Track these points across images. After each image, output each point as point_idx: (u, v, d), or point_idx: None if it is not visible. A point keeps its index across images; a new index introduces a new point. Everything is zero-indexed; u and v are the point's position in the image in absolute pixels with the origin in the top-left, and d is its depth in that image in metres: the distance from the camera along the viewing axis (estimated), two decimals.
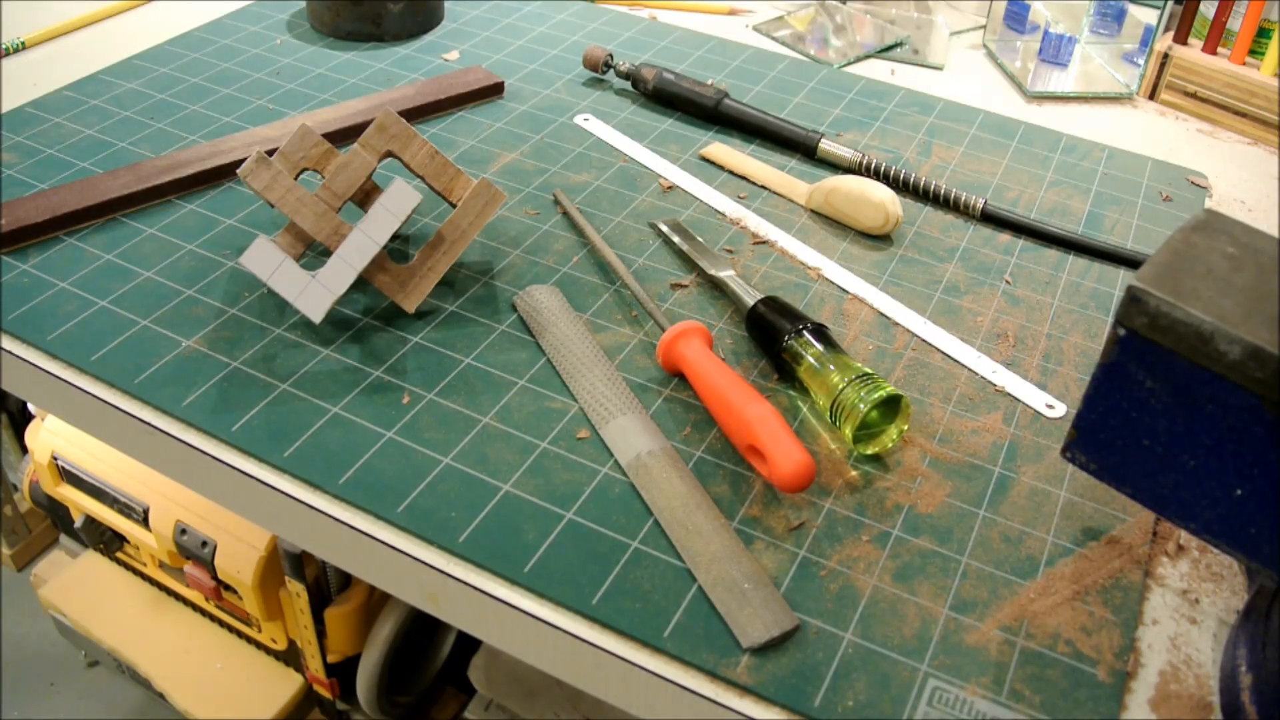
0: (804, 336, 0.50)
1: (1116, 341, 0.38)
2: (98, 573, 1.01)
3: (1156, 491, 0.40)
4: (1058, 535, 0.45)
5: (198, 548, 0.81)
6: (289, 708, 0.90)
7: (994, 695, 0.39)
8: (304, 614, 0.80)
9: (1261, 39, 0.76)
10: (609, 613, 0.41)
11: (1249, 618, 0.41)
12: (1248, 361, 0.35)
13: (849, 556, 0.44)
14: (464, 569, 0.43)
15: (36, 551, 1.31)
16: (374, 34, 0.81)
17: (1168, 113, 0.80)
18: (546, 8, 0.88)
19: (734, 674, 0.39)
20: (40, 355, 0.52)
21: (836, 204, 0.63)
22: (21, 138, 0.68)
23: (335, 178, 0.53)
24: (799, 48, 0.85)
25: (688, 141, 0.71)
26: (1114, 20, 0.85)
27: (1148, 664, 0.41)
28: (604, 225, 0.63)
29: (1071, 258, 0.63)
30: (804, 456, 0.44)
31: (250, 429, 0.48)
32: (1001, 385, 0.53)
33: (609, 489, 0.46)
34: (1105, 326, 0.57)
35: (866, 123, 0.74)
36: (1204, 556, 0.46)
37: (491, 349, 0.53)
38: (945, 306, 0.58)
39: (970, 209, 0.65)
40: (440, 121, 0.72)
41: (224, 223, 0.61)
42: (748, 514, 0.45)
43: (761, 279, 0.59)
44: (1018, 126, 0.75)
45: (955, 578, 0.43)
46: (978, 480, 0.48)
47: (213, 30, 0.82)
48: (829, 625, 0.41)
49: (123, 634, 0.97)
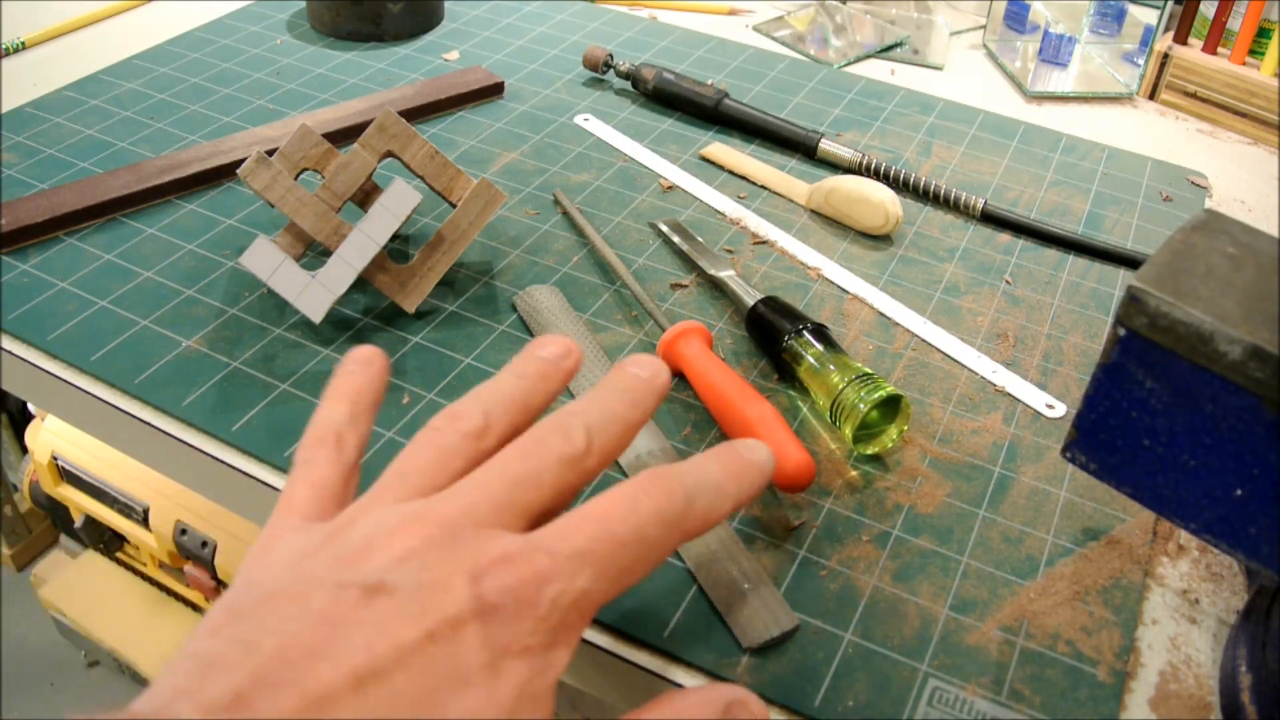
0: (804, 336, 0.50)
1: (1116, 341, 0.38)
2: (98, 573, 1.01)
3: (1156, 491, 0.40)
4: (1058, 535, 0.45)
5: (198, 548, 0.81)
6: None
7: (994, 695, 0.39)
8: None
9: (1261, 39, 0.76)
10: (608, 613, 0.41)
11: (1249, 618, 0.41)
12: (1248, 361, 0.35)
13: (849, 556, 0.44)
14: None
15: (36, 551, 1.31)
16: (374, 34, 0.81)
17: (1168, 113, 0.81)
18: (546, 8, 0.88)
19: (734, 674, 0.39)
20: (40, 355, 0.52)
21: (836, 204, 0.63)
22: (21, 138, 0.68)
23: (335, 178, 0.53)
24: (799, 48, 0.85)
25: (688, 141, 0.71)
26: (1114, 20, 0.85)
27: (1148, 664, 0.41)
28: (604, 225, 0.63)
29: (1071, 258, 0.63)
30: (804, 456, 0.44)
31: (250, 429, 0.48)
32: (1001, 385, 0.53)
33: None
34: (1105, 326, 0.57)
35: (866, 123, 0.74)
36: (1204, 556, 0.46)
37: (491, 349, 0.53)
38: (945, 306, 0.58)
39: (970, 209, 0.65)
40: (440, 121, 0.72)
41: (224, 223, 0.61)
42: (748, 514, 0.45)
43: (761, 279, 0.59)
44: (1018, 126, 0.75)
45: (955, 578, 0.43)
46: (978, 480, 0.48)
47: (213, 30, 0.82)
48: (829, 625, 0.41)
49: (123, 634, 0.97)
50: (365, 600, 0.24)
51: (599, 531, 0.26)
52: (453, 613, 0.24)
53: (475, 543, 0.25)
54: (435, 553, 0.25)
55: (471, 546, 0.25)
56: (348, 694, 0.22)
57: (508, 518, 0.26)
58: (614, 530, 0.26)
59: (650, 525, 0.27)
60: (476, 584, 0.24)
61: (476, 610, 0.24)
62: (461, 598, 0.24)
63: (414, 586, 0.24)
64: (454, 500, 0.26)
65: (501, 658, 0.24)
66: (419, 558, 0.25)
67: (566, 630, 0.25)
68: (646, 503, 0.27)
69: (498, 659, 0.24)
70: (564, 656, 0.26)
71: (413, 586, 0.24)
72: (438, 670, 0.23)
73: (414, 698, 0.23)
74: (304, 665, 0.23)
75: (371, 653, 0.23)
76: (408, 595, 0.24)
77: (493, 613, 0.24)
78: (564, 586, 0.25)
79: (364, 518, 0.27)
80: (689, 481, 0.28)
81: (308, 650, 0.23)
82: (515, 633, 0.24)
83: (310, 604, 0.24)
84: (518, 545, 0.25)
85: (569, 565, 0.25)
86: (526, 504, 0.27)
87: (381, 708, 0.23)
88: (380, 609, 0.24)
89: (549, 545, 0.25)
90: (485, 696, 0.23)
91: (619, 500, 0.27)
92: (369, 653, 0.23)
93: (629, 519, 0.26)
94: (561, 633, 0.25)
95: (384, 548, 0.25)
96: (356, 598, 0.24)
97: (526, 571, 0.25)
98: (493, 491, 0.27)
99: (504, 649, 0.24)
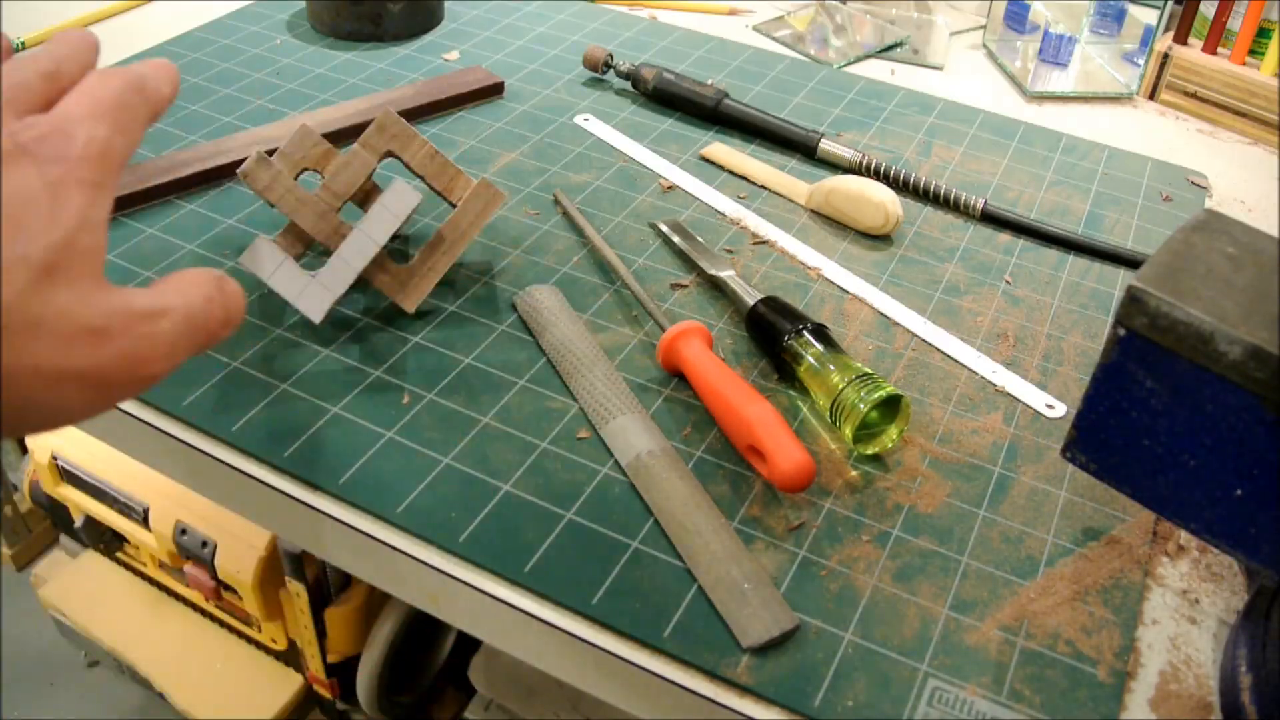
0: (804, 336, 0.50)
1: (1116, 341, 0.38)
2: (98, 573, 1.01)
3: (1156, 491, 0.40)
4: (1058, 535, 0.45)
5: (198, 548, 0.81)
6: (289, 708, 0.90)
7: (994, 695, 0.39)
8: (304, 614, 0.80)
9: (1261, 39, 0.76)
10: (609, 613, 0.41)
11: (1249, 618, 0.41)
12: (1248, 361, 0.35)
13: (849, 556, 0.44)
14: (464, 569, 0.43)
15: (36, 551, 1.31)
16: (374, 34, 0.81)
17: (1168, 113, 0.80)
18: (546, 8, 0.88)
19: (734, 674, 0.39)
20: None
21: (836, 204, 0.63)
22: None
23: (335, 178, 0.53)
24: (799, 48, 0.85)
25: (688, 141, 0.71)
26: (1114, 20, 0.85)
27: (1148, 664, 0.41)
28: (604, 225, 0.63)
29: (1071, 258, 0.63)
30: (804, 456, 0.44)
31: (250, 429, 0.48)
32: (1001, 385, 0.53)
33: (609, 489, 0.46)
34: (1105, 326, 0.57)
35: (866, 123, 0.74)
36: (1204, 556, 0.46)
37: (491, 349, 0.53)
38: (945, 306, 0.58)
39: (970, 209, 0.65)
40: (440, 121, 0.72)
41: (224, 223, 0.61)
42: (748, 514, 0.45)
43: (761, 279, 0.59)
44: (1018, 126, 0.75)
45: (955, 578, 0.43)
46: (978, 480, 0.48)
47: (213, 30, 0.82)
48: (829, 625, 0.41)
49: (123, 634, 0.97)
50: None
51: (95, 100, 0.31)
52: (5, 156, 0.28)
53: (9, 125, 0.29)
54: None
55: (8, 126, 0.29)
56: None
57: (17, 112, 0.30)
58: (104, 96, 0.31)
59: (124, 90, 0.32)
60: (13, 138, 0.28)
61: (20, 149, 0.28)
62: (5, 146, 0.28)
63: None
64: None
65: (59, 186, 0.28)
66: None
67: (107, 170, 0.30)
68: (112, 81, 0.32)
69: (56, 186, 0.28)
70: (110, 194, 0.30)
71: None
72: (11, 196, 0.27)
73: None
74: None
75: None
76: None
77: (36, 149, 0.28)
78: (91, 133, 0.30)
79: None
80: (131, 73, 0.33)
81: None
82: (66, 167, 0.28)
83: None
84: (37, 118, 0.29)
85: (88, 119, 0.30)
86: (28, 103, 0.31)
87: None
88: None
89: (63, 112, 0.30)
90: (50, 216, 0.28)
91: (91, 84, 0.31)
92: None
93: (109, 90, 0.31)
94: (105, 172, 0.30)
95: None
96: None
97: (56, 123, 0.29)
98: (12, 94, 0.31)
99: (60, 179, 0.28)
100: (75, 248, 0.28)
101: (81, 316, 0.28)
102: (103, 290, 0.29)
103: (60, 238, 0.28)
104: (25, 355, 0.27)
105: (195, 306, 0.32)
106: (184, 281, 0.32)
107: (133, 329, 0.29)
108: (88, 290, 0.28)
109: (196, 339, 0.32)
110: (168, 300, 0.31)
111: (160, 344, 0.30)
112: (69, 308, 0.28)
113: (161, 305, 0.30)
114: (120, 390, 0.30)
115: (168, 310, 0.30)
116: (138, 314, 0.29)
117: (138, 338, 0.29)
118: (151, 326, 0.30)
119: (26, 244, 0.27)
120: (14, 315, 0.27)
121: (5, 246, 0.27)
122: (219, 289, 0.33)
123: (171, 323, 0.30)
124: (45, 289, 0.27)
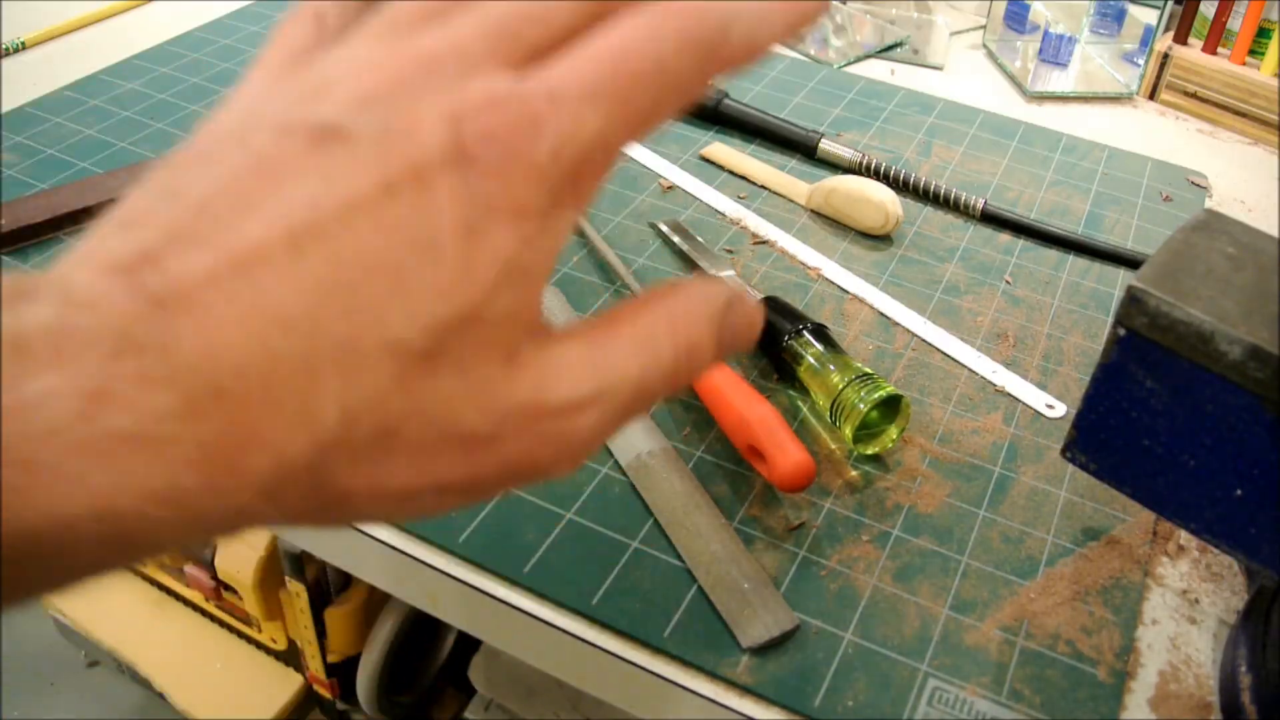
0: (804, 336, 0.50)
1: (1116, 341, 0.38)
2: None
3: (1156, 491, 0.40)
4: (1058, 535, 0.45)
5: (198, 547, 0.81)
6: (289, 708, 0.90)
7: (994, 695, 0.39)
8: (304, 614, 0.80)
9: (1261, 39, 0.76)
10: (609, 613, 0.41)
11: (1249, 618, 0.41)
12: (1248, 361, 0.35)
13: (849, 556, 0.44)
14: (464, 569, 0.43)
15: None
16: None
17: (1168, 113, 0.80)
18: None
19: (734, 674, 0.39)
20: None
21: (836, 204, 0.63)
22: (21, 138, 0.68)
23: None
24: (799, 48, 0.85)
25: (688, 141, 0.71)
26: (1114, 20, 0.85)
27: (1148, 664, 0.41)
28: (604, 225, 0.63)
29: (1071, 258, 0.63)
30: (804, 456, 0.44)
31: None
32: (1001, 385, 0.53)
33: (609, 489, 0.46)
34: (1105, 326, 0.57)
35: (866, 123, 0.74)
36: (1204, 556, 0.46)
37: None
38: (945, 306, 0.58)
39: (970, 209, 0.65)
40: None
41: None
42: (748, 514, 0.45)
43: (761, 279, 0.59)
44: (1018, 126, 0.75)
45: (955, 578, 0.43)
46: (978, 480, 0.48)
47: (213, 30, 0.82)
48: (829, 625, 0.41)
49: (123, 634, 0.97)
50: (314, 146, 0.19)
51: (613, 65, 0.20)
52: (420, 160, 0.19)
53: (459, 81, 0.20)
54: (407, 92, 0.19)
55: (454, 86, 0.19)
56: (279, 255, 0.18)
57: (506, 55, 0.20)
58: (631, 63, 0.20)
59: (676, 54, 0.20)
60: (454, 128, 0.19)
61: (451, 158, 0.19)
62: (432, 143, 0.19)
63: (376, 131, 0.19)
64: (441, 31, 0.20)
65: (482, 219, 0.19)
66: (387, 98, 0.19)
67: (574, 187, 0.20)
68: (672, 24, 0.20)
69: (476, 220, 0.19)
70: (568, 219, 0.21)
71: (375, 131, 0.19)
72: (396, 231, 0.18)
73: (362, 264, 0.18)
74: (229, 219, 0.18)
75: (313, 208, 0.18)
76: (367, 141, 0.19)
77: (472, 163, 0.19)
78: (568, 132, 0.19)
79: (330, 54, 0.21)
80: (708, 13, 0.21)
81: (236, 202, 0.18)
82: (502, 188, 0.19)
83: (248, 149, 0.19)
84: (511, 85, 0.20)
85: (574, 107, 0.19)
86: (533, 41, 0.20)
87: (319, 274, 0.18)
88: (331, 156, 0.19)
89: (551, 84, 0.20)
90: (458, 269, 0.19)
91: (639, 25, 0.20)
92: (310, 208, 0.18)
93: (651, 46, 0.20)
94: (567, 191, 0.20)
95: (345, 85, 0.20)
96: (304, 142, 0.19)
97: (520, 114, 0.19)
98: (490, 21, 0.20)
99: (486, 208, 0.19)
100: (484, 318, 0.19)
101: (465, 421, 0.19)
102: (511, 372, 0.20)
103: (461, 307, 0.19)
104: (361, 478, 0.19)
105: (661, 366, 0.22)
106: (666, 321, 0.23)
107: (534, 429, 0.20)
108: (488, 378, 0.20)
109: (638, 408, 0.22)
110: (612, 376, 0.21)
111: (573, 444, 0.21)
112: (448, 408, 0.19)
113: (595, 391, 0.21)
114: (483, 497, 0.22)
115: (601, 397, 0.21)
116: (551, 411, 0.20)
117: (538, 440, 0.20)
118: (565, 425, 0.20)
119: (404, 320, 0.18)
120: (361, 427, 0.18)
121: (369, 323, 0.18)
122: (721, 322, 0.23)
123: (601, 412, 0.21)
124: (418, 382, 0.19)
